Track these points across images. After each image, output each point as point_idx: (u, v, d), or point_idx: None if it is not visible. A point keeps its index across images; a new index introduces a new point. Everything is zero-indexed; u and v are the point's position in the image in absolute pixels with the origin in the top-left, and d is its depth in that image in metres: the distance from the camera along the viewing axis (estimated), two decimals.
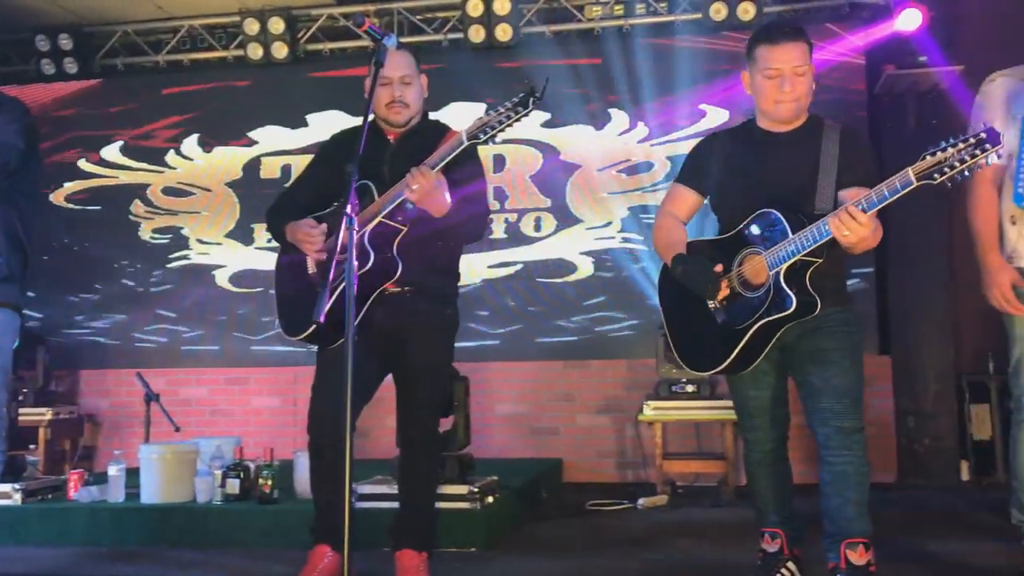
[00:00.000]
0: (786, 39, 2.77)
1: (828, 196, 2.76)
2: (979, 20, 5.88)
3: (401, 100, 3.16)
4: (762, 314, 2.73)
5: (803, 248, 2.65)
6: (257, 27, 6.62)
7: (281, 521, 3.96)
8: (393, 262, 3.02)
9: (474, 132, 2.87)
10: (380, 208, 2.99)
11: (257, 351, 6.60)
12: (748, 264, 2.79)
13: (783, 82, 2.79)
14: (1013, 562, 3.04)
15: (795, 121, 2.89)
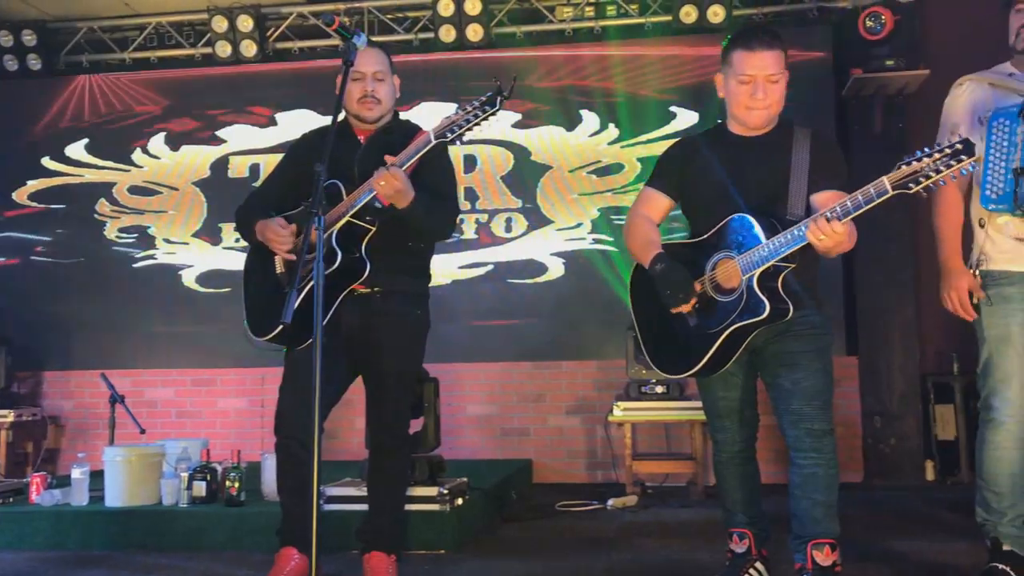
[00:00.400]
0: (762, 46, 2.78)
1: (800, 200, 2.77)
2: (945, 24, 5.95)
3: (373, 95, 3.15)
4: (735, 319, 2.73)
5: (776, 254, 2.66)
6: (225, 25, 6.55)
7: (248, 523, 3.93)
8: (360, 262, 3.00)
9: (442, 131, 2.86)
10: (348, 207, 2.96)
11: (224, 352, 6.53)
12: (721, 268, 2.79)
13: (756, 89, 2.81)
14: (976, 561, 3.07)
15: (766, 126, 2.91)
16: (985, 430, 2.98)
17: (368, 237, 3.02)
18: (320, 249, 2.35)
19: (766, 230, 2.69)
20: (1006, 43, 3.11)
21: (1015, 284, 2.92)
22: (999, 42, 3.18)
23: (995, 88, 2.98)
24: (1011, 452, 2.92)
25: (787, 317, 2.72)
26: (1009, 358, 2.92)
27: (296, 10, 6.67)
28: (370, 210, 2.97)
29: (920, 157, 2.45)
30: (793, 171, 2.80)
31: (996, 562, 2.96)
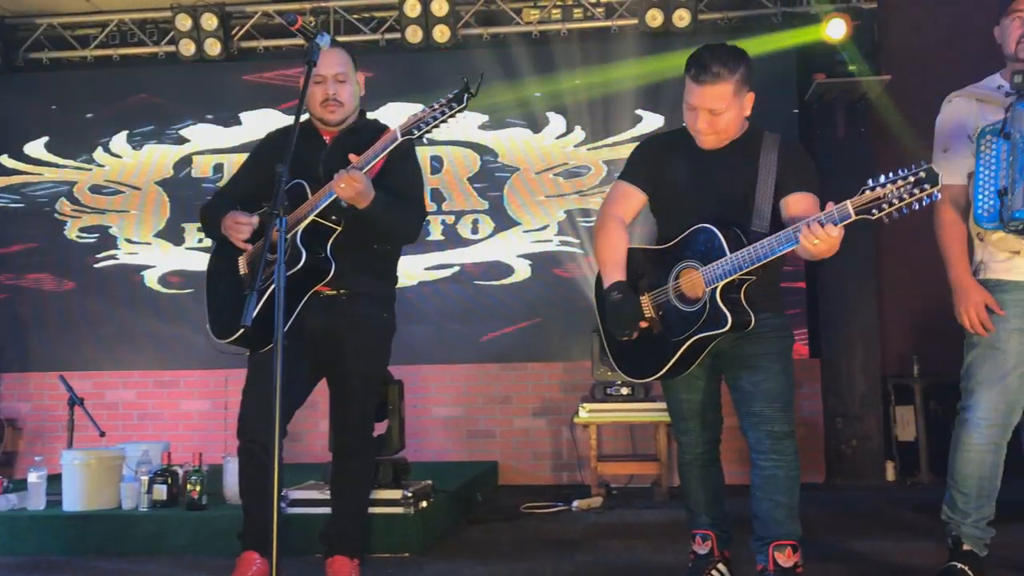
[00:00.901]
0: (709, 80, 2.73)
1: (766, 210, 2.78)
2: (903, 30, 6.04)
3: (335, 98, 3.11)
4: (697, 329, 2.75)
5: (739, 268, 2.67)
6: (189, 23, 6.48)
7: (210, 527, 3.88)
8: (326, 262, 2.98)
9: (408, 128, 2.83)
10: (312, 207, 2.94)
11: (187, 353, 6.46)
12: (685, 278, 2.80)
13: (698, 119, 2.81)
14: (936, 561, 3.11)
15: (720, 145, 2.89)
16: (960, 431, 3.01)
17: (334, 237, 2.99)
18: (281, 251, 2.32)
19: (731, 242, 2.70)
20: (963, 49, 3.14)
21: (1008, 292, 2.94)
22: (956, 48, 3.22)
23: (983, 103, 2.98)
24: (982, 455, 2.95)
25: (749, 328, 2.74)
26: (993, 363, 2.94)
27: (261, 9, 6.61)
28: (335, 209, 2.95)
29: (884, 183, 2.44)
30: (760, 180, 2.80)
31: (955, 561, 2.99)
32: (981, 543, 3.00)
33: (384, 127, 3.21)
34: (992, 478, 2.97)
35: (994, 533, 3.03)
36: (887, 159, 5.87)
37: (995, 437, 2.95)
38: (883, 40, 5.94)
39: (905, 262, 5.78)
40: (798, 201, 2.77)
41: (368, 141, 3.06)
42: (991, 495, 2.99)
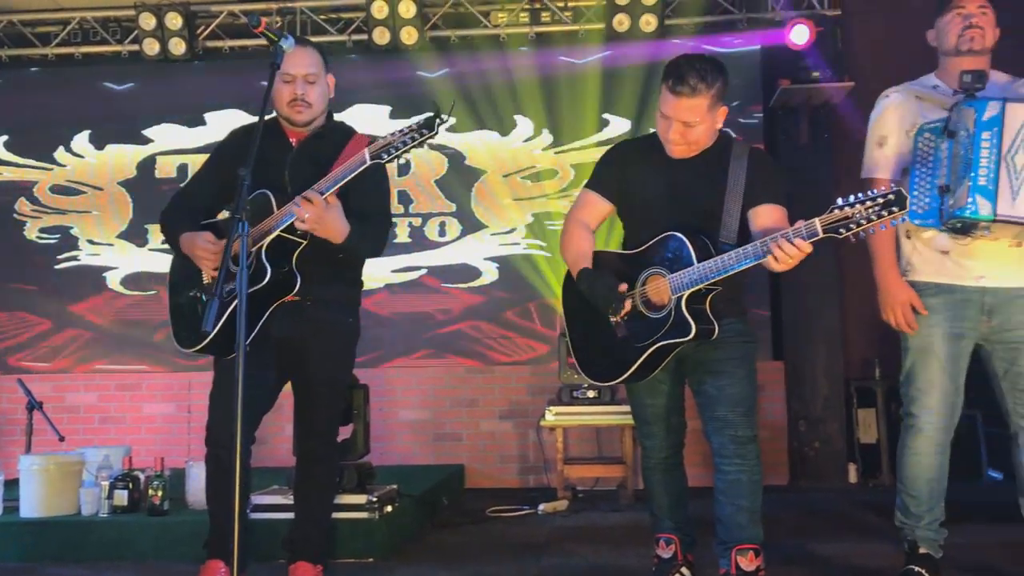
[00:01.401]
0: (686, 93, 2.73)
1: (734, 220, 2.80)
2: (865, 37, 6.11)
3: (304, 99, 3.06)
4: (661, 336, 2.76)
5: (706, 278, 2.68)
6: (153, 22, 6.40)
7: (172, 533, 3.84)
8: (290, 275, 2.95)
9: (377, 152, 2.78)
10: (275, 224, 2.90)
11: (150, 355, 6.39)
12: (651, 284, 2.81)
13: (671, 128, 2.82)
14: (895, 563, 3.15)
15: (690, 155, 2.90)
16: (906, 436, 3.05)
17: (299, 251, 2.96)
18: (243, 258, 2.30)
19: (699, 252, 2.72)
20: (925, 56, 3.18)
21: (938, 295, 2.98)
22: (918, 55, 3.26)
23: (921, 101, 3.02)
24: (930, 458, 3.00)
25: (712, 337, 2.76)
26: (930, 367, 2.98)
27: (227, 8, 6.55)
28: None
29: (853, 203, 2.46)
30: (728, 190, 2.82)
31: (912, 564, 3.04)
32: (936, 545, 3.05)
33: (352, 131, 3.19)
34: (940, 479, 3.02)
35: (947, 534, 3.08)
36: (849, 165, 5.94)
37: (940, 439, 3.00)
38: (846, 47, 6.01)
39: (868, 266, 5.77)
40: (766, 213, 2.79)
41: (336, 147, 3.03)
42: (940, 496, 3.04)
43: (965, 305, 2.95)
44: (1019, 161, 2.74)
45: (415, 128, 2.73)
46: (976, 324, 2.95)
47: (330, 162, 3.00)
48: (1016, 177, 2.73)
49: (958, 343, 2.97)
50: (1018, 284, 2.94)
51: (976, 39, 2.97)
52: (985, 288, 2.93)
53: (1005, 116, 2.75)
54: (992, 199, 2.73)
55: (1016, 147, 2.74)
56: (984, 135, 2.75)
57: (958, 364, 2.99)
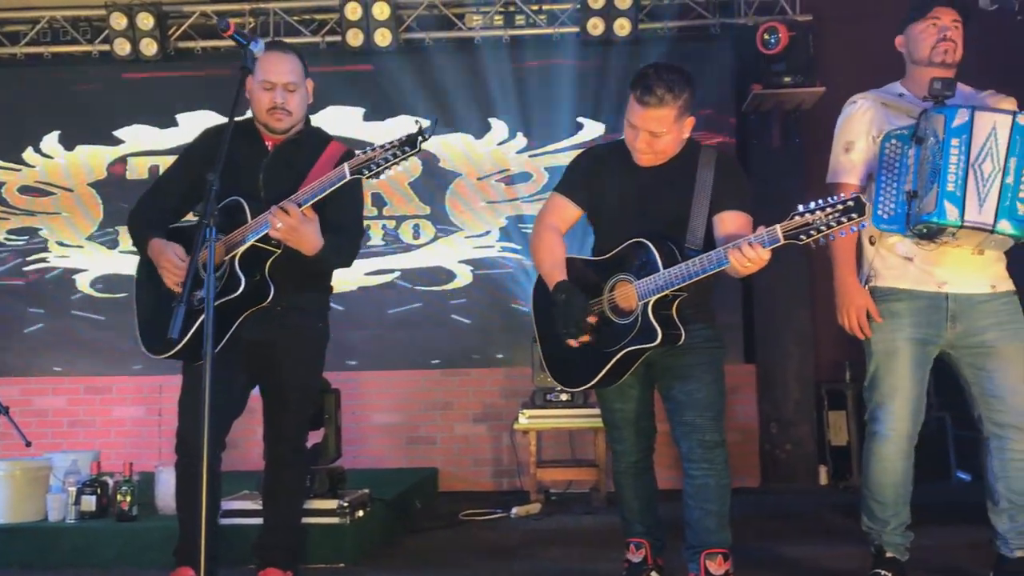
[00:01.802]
0: (652, 103, 2.75)
1: (701, 225, 2.82)
2: (838, 43, 6.16)
3: (284, 107, 3.02)
4: (628, 342, 2.78)
5: (672, 284, 2.70)
6: (125, 22, 6.34)
7: (141, 539, 3.80)
8: (264, 285, 2.93)
9: (357, 168, 2.76)
10: (250, 233, 2.87)
11: (120, 359, 6.32)
12: (619, 290, 2.83)
13: (639, 137, 2.83)
14: (864, 565, 3.18)
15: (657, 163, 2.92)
16: (871, 442, 3.08)
17: (272, 259, 2.94)
18: (210, 264, 2.28)
19: (665, 258, 2.73)
20: (896, 62, 3.21)
21: (902, 300, 3.01)
22: (889, 61, 3.29)
23: (887, 108, 3.05)
24: (895, 463, 3.02)
25: (679, 343, 2.78)
26: (895, 372, 3.01)
27: (199, 9, 6.50)
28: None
29: (813, 210, 2.50)
30: (695, 197, 2.84)
31: (879, 568, 3.07)
32: (902, 548, 3.09)
33: (329, 138, 3.17)
34: (905, 483, 3.05)
35: (912, 537, 3.11)
36: (821, 169, 5.98)
37: (904, 444, 3.03)
38: (817, 53, 6.05)
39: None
40: (731, 219, 2.81)
41: (311, 153, 3.02)
42: (906, 500, 3.07)
43: (930, 311, 2.98)
44: (986, 169, 2.78)
45: (397, 145, 2.71)
46: (941, 330, 2.98)
47: (306, 169, 3.00)
48: (983, 184, 2.77)
49: (923, 348, 3.00)
50: (981, 290, 2.98)
51: (949, 52, 3.01)
52: (949, 294, 2.97)
53: (974, 124, 2.78)
54: (960, 205, 2.76)
55: (984, 155, 2.78)
56: (953, 142, 2.78)
57: (923, 369, 3.02)
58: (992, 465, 3.02)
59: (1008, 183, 2.76)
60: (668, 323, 2.75)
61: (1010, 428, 2.97)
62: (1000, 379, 2.95)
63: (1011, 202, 2.76)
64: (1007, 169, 2.76)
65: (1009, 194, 2.76)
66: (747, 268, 2.61)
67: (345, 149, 3.15)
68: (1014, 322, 2.97)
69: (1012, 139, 2.77)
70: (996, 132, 2.78)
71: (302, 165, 3.01)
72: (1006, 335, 2.95)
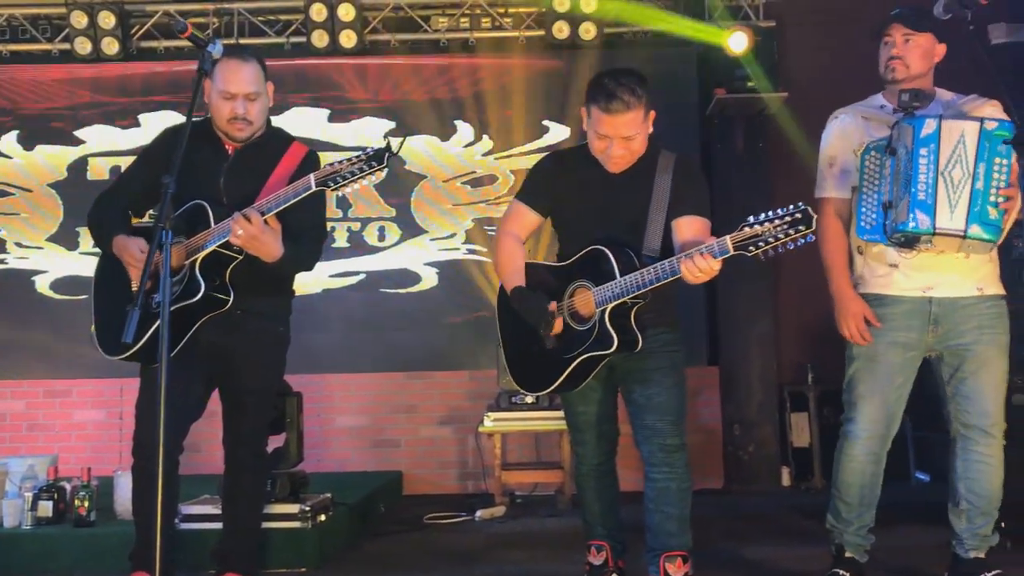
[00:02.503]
0: (619, 108, 2.75)
1: (658, 231, 2.84)
2: (802, 50, 6.22)
3: (245, 118, 2.99)
4: (585, 349, 2.80)
5: (628, 292, 2.72)
6: (86, 21, 6.25)
7: (98, 545, 3.75)
8: (224, 290, 2.92)
9: (323, 180, 2.75)
10: (211, 238, 2.85)
11: (80, 361, 6.22)
12: (578, 296, 2.85)
13: (611, 146, 2.83)
14: (825, 566, 3.20)
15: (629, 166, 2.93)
16: (843, 442, 3.12)
17: (233, 265, 2.92)
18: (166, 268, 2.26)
19: (622, 265, 2.75)
20: (858, 67, 3.26)
21: (886, 306, 3.05)
22: (851, 68, 3.34)
23: (868, 121, 3.10)
24: (864, 465, 3.07)
25: (636, 348, 2.79)
26: (873, 376, 3.05)
27: (162, 8, 6.43)
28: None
29: (763, 221, 2.52)
30: (653, 203, 2.86)
31: (838, 568, 3.11)
32: (862, 550, 3.13)
33: (290, 140, 3.15)
34: (873, 487, 3.10)
35: (874, 540, 3.16)
36: (784, 174, 6.06)
37: (875, 448, 3.07)
38: (781, 58, 6.11)
39: (801, 273, 5.91)
40: (688, 225, 2.83)
41: (273, 155, 3.01)
42: (871, 503, 3.12)
43: (912, 315, 3.02)
44: (956, 176, 2.83)
45: (364, 159, 2.71)
46: (923, 335, 3.03)
47: (268, 172, 2.98)
48: (954, 191, 2.82)
49: (904, 353, 3.04)
50: (964, 293, 3.02)
51: (898, 69, 3.05)
52: (932, 298, 3.01)
53: (941, 133, 2.84)
54: (931, 213, 2.82)
55: (953, 162, 2.83)
56: (922, 151, 2.83)
57: (903, 374, 3.06)
58: (956, 465, 3.08)
59: (978, 188, 2.81)
60: (625, 330, 2.77)
61: (975, 430, 3.02)
62: (972, 381, 3.01)
63: (981, 207, 2.81)
64: (976, 175, 2.82)
65: (979, 199, 2.81)
66: (698, 278, 2.63)
67: (307, 150, 3.14)
68: (995, 327, 3.02)
69: (980, 145, 2.82)
70: (964, 139, 2.83)
71: (264, 168, 2.99)
72: (985, 339, 3.00)
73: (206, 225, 2.87)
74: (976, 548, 3.07)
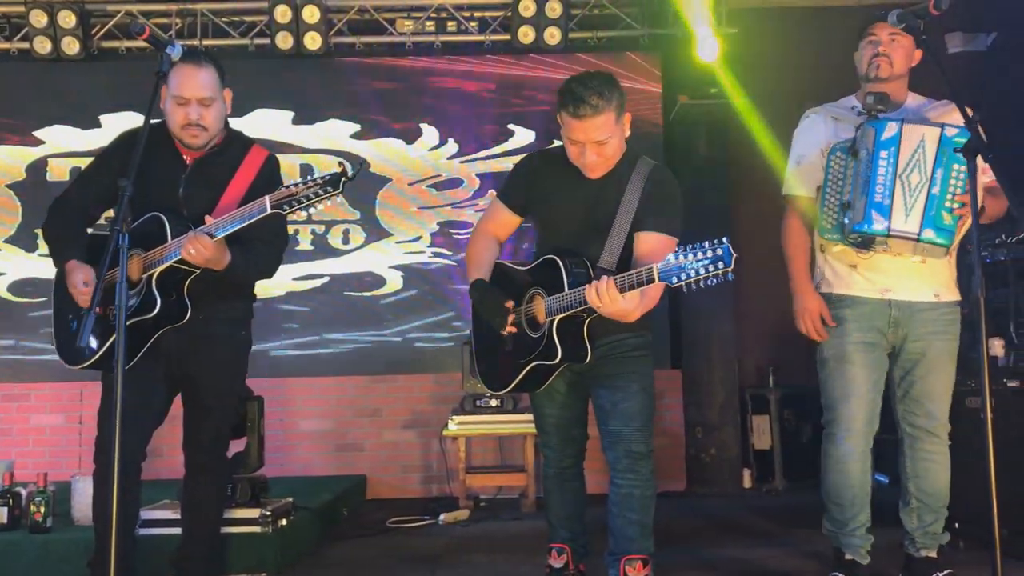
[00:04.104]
0: (588, 113, 2.72)
1: (620, 240, 2.82)
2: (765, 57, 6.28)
3: (199, 124, 2.95)
4: (534, 357, 2.82)
5: (572, 307, 2.71)
6: (45, 20, 6.17)
7: (54, 551, 3.69)
8: (181, 304, 2.91)
9: (279, 202, 2.74)
10: (167, 254, 2.83)
11: (39, 365, 6.15)
12: (535, 303, 2.87)
13: (584, 151, 2.81)
14: (786, 566, 3.24)
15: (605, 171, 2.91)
16: (827, 445, 3.16)
17: (190, 279, 2.91)
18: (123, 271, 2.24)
19: (571, 278, 2.74)
20: (817, 75, 3.29)
21: (848, 307, 3.11)
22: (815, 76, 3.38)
23: (837, 122, 3.15)
24: (851, 466, 3.10)
25: (585, 362, 2.80)
26: (846, 377, 3.10)
27: (124, 8, 6.36)
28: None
29: (686, 254, 2.45)
30: (621, 208, 2.84)
31: (837, 571, 3.15)
32: (861, 551, 3.14)
33: (250, 144, 3.13)
34: (863, 485, 3.12)
35: (872, 539, 3.16)
36: (745, 180, 6.13)
37: (859, 446, 3.11)
38: (745, 65, 6.16)
39: (762, 278, 5.99)
40: (645, 241, 2.81)
41: (232, 162, 2.99)
42: (864, 503, 3.14)
43: (874, 316, 3.08)
44: (914, 179, 2.88)
45: (320, 183, 2.70)
46: (885, 335, 3.09)
47: (227, 180, 2.98)
48: (911, 195, 2.87)
49: (872, 352, 3.09)
50: (921, 298, 3.08)
51: (883, 67, 3.09)
52: (891, 301, 3.07)
53: (902, 136, 2.89)
54: (886, 215, 2.87)
55: (912, 166, 2.88)
56: (882, 154, 2.89)
57: (876, 372, 3.11)
58: (905, 465, 3.15)
59: (934, 193, 2.86)
60: (575, 341, 2.76)
61: (922, 431, 3.10)
62: (922, 385, 3.08)
63: (936, 212, 2.86)
64: (934, 180, 2.87)
65: (935, 204, 2.86)
66: (601, 308, 2.58)
67: (266, 155, 3.12)
68: (947, 332, 3.09)
69: (939, 151, 2.87)
70: (924, 144, 2.88)
71: (223, 176, 2.99)
72: (938, 344, 3.07)
73: (163, 238, 2.85)
74: (927, 547, 3.13)
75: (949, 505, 3.16)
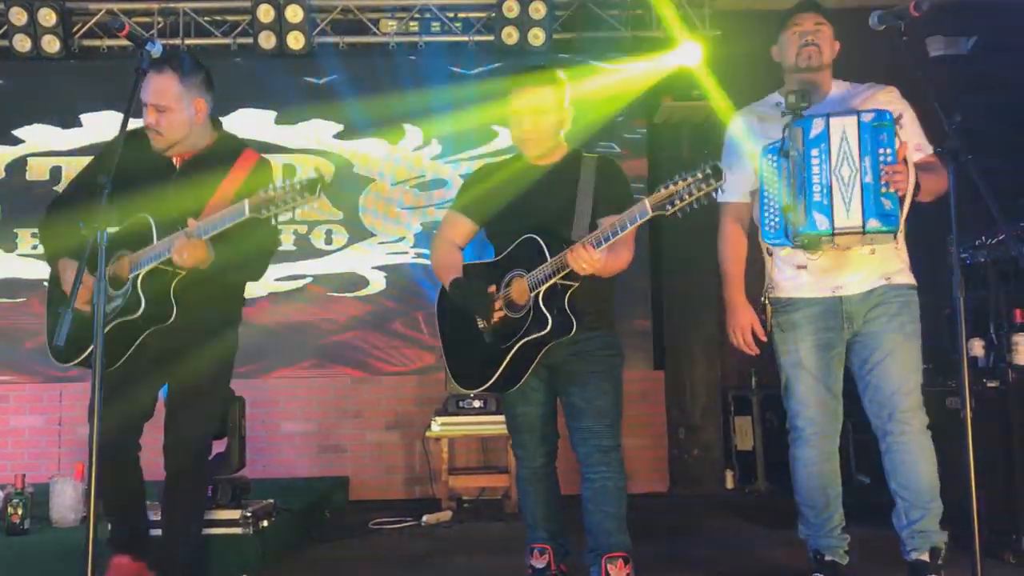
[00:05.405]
0: (530, 82, 2.99)
1: (585, 222, 2.91)
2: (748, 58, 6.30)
3: (155, 128, 2.97)
4: (522, 334, 2.85)
5: (560, 271, 2.78)
6: (25, 17, 6.11)
7: (32, 554, 3.66)
8: (167, 307, 2.90)
9: (257, 207, 2.76)
10: (153, 254, 2.84)
11: (19, 366, 6.10)
12: (514, 285, 2.91)
13: (523, 120, 2.99)
14: (767, 567, 3.24)
15: (555, 155, 3.06)
16: (793, 448, 3.16)
17: (177, 280, 2.91)
18: (101, 267, 2.23)
19: (552, 250, 2.82)
20: None
21: (800, 310, 3.09)
22: None
23: (764, 121, 3.11)
24: (819, 467, 3.10)
25: (571, 332, 2.83)
26: (804, 381, 3.09)
27: (105, 7, 6.31)
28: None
29: (676, 181, 2.61)
30: (579, 194, 2.95)
31: (818, 572, 3.14)
32: (840, 551, 3.14)
33: (241, 147, 3.12)
34: (833, 485, 3.12)
35: (849, 539, 3.16)
36: None
37: (825, 446, 3.11)
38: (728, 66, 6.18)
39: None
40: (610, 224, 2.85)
41: (222, 166, 3.00)
42: (837, 503, 3.14)
43: (826, 316, 3.06)
44: (845, 173, 2.84)
45: (297, 189, 2.72)
46: (840, 332, 3.06)
47: (216, 184, 2.98)
48: (846, 189, 2.84)
49: (827, 353, 3.08)
50: (871, 286, 3.03)
51: (813, 56, 3.07)
52: (843, 298, 3.05)
53: (830, 131, 2.86)
54: (828, 214, 2.85)
55: (841, 160, 2.85)
56: (813, 152, 2.87)
57: (831, 373, 3.09)
58: (885, 465, 3.07)
59: (867, 183, 2.82)
60: (560, 312, 2.82)
61: (891, 422, 2.98)
62: (880, 370, 2.99)
63: (875, 200, 2.82)
64: (864, 169, 2.83)
65: (871, 193, 2.82)
66: (583, 269, 2.72)
67: (258, 157, 3.13)
68: (902, 314, 3.01)
69: (861, 138, 2.84)
70: (846, 135, 2.85)
71: (211, 180, 2.98)
72: (892, 326, 2.99)
73: (149, 239, 2.88)
74: (917, 549, 2.99)
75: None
